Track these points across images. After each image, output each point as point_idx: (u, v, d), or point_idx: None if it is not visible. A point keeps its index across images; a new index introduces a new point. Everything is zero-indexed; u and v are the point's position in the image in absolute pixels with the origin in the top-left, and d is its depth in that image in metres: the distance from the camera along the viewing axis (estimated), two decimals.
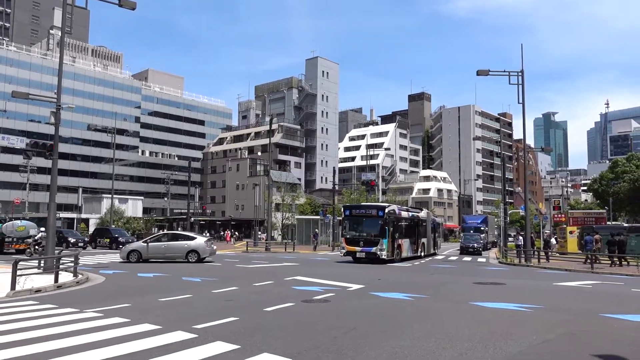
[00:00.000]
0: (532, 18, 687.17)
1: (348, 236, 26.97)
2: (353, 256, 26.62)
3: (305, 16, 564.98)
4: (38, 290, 13.54)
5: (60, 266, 16.52)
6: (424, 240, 32.90)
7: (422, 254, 32.29)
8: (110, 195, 54.70)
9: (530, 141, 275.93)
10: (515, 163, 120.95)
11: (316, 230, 48.95)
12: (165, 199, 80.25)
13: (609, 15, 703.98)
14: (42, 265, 18.19)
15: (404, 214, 29.84)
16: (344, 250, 27.04)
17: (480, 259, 33.22)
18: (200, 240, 25.27)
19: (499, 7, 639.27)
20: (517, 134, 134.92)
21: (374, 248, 25.66)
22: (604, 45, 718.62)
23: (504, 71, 28.79)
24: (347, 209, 28.13)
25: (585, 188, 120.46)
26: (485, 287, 15.57)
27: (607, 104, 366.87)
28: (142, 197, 75.80)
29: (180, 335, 7.69)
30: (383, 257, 25.54)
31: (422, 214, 34.07)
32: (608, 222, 47.08)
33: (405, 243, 28.79)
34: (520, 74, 28.86)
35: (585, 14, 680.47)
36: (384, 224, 25.96)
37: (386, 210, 26.39)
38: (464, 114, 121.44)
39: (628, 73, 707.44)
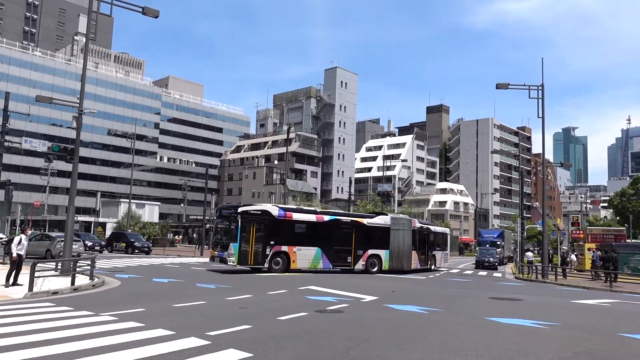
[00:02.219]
0: (552, 32, 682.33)
1: (213, 239, 25.89)
2: (212, 260, 24.21)
3: (325, 26, 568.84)
4: (55, 293, 13.71)
5: (77, 269, 16.72)
6: (374, 251, 26.82)
7: (367, 268, 26.47)
8: (127, 200, 55.28)
9: (549, 156, 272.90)
10: (534, 177, 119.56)
11: None
12: (182, 205, 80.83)
13: (629, 31, 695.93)
14: (59, 267, 18.44)
15: (298, 216, 24.87)
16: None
17: (495, 274, 32.84)
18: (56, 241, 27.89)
19: (518, 20, 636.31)
20: (536, 149, 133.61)
21: (225, 253, 22.61)
22: (624, 60, 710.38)
23: (524, 85, 28.59)
24: (218, 210, 25.88)
25: (605, 204, 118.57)
26: (501, 302, 15.37)
27: (629, 119, 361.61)
28: (159, 203, 76.43)
29: (193, 342, 7.72)
30: (231, 263, 22.34)
31: (376, 219, 28.00)
32: (628, 240, 46.24)
33: (299, 252, 24.11)
34: (540, 88, 28.63)
35: (605, 30, 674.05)
36: (236, 227, 22.50)
37: (239, 210, 22.83)
38: (482, 127, 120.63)
39: None
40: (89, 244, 38.75)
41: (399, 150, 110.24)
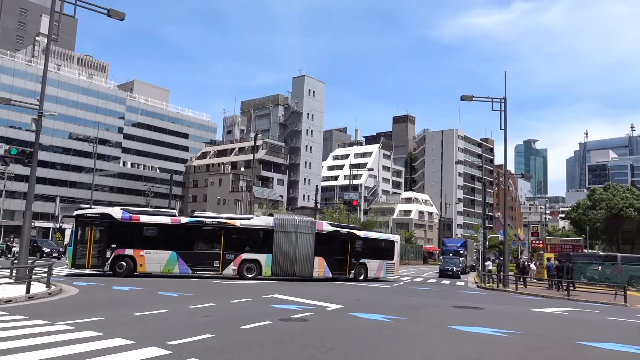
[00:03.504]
0: (516, 47, 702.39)
1: None
2: None
3: (294, 34, 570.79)
4: (8, 301, 13.19)
5: (33, 276, 16.14)
6: (251, 255, 24.93)
7: (240, 272, 24.70)
8: (88, 206, 53.88)
9: (511, 167, 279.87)
10: (496, 188, 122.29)
11: None
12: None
13: (590, 49, 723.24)
14: (14, 274, 17.76)
15: (148, 218, 24.15)
16: None
17: (458, 283, 33.32)
18: None
19: (485, 34, 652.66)
20: (498, 160, 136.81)
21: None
22: (584, 76, 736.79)
23: (488, 97, 29.26)
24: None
25: (563, 216, 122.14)
26: (464, 311, 15.58)
27: (587, 133, 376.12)
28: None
29: (153, 352, 7.52)
30: (66, 265, 22.83)
31: (253, 221, 26.27)
32: (585, 250, 47.71)
33: (148, 255, 23.45)
34: (503, 100, 29.34)
35: (567, 46, 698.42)
36: (73, 230, 23.04)
37: (74, 214, 23.25)
38: (447, 138, 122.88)
39: (607, 104, 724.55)
40: (47, 250, 37.61)
41: (365, 159, 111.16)
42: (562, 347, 9.72)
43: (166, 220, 24.33)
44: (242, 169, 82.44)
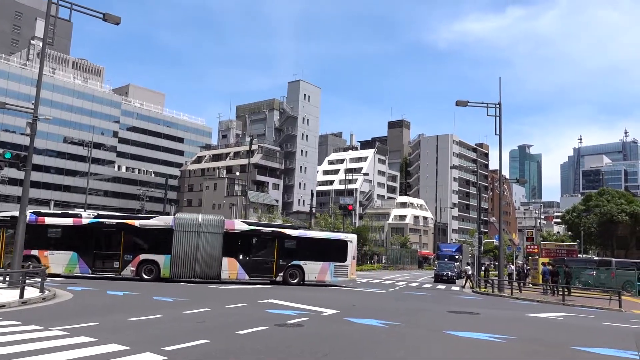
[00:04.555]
0: (510, 53, 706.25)
1: None
2: None
3: (289, 39, 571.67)
4: (2, 306, 13.09)
5: (27, 281, 16.03)
6: (149, 256, 24.41)
7: (138, 274, 24.21)
8: (83, 210, 53.61)
9: (505, 172, 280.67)
10: (491, 193, 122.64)
11: None
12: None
13: (583, 54, 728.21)
14: (7, 279, 17.63)
15: (52, 220, 24.63)
16: None
17: (454, 287, 33.34)
18: None
19: (479, 40, 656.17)
20: (493, 165, 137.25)
21: None
22: (577, 81, 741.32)
23: (482, 103, 29.35)
24: None
25: (558, 220, 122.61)
26: (460, 316, 15.58)
27: (580, 139, 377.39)
28: (115, 213, 74.46)
29: (148, 357, 7.48)
30: None
31: (152, 220, 25.43)
32: (579, 255, 47.85)
33: (51, 256, 23.92)
34: (497, 106, 29.45)
35: (561, 52, 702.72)
36: None
37: None
38: (442, 143, 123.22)
39: (600, 110, 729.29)
40: None
41: (360, 164, 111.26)
42: (557, 352, 9.73)
43: (68, 221, 24.56)
44: (238, 174, 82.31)
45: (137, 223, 25.02)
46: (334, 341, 9.70)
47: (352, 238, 28.56)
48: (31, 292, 15.61)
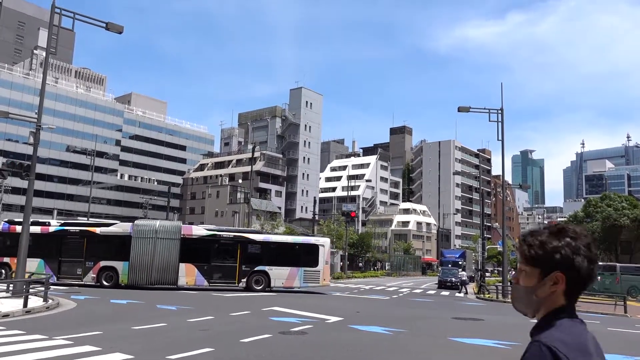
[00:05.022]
0: (511, 58, 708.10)
1: None
2: None
3: (291, 46, 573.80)
4: (6, 315, 13.08)
5: (30, 290, 16.03)
6: (109, 263, 24.28)
7: (99, 280, 24.23)
8: (86, 219, 53.67)
9: (508, 178, 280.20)
10: (494, 199, 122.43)
11: None
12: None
13: (583, 59, 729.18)
14: (10, 288, 17.63)
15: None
16: None
17: (458, 294, 33.20)
18: None
19: (479, 46, 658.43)
20: (495, 170, 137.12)
21: None
22: (578, 87, 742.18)
23: (484, 108, 29.35)
24: None
25: None
26: (464, 322, 15.51)
27: (583, 143, 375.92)
28: (118, 222, 74.67)
29: None
30: None
31: (112, 227, 25.52)
32: None
33: None
34: (499, 111, 29.45)
35: (561, 57, 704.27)
36: None
37: None
38: (444, 149, 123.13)
39: (602, 114, 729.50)
40: None
41: (363, 170, 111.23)
42: None
43: (36, 229, 24.57)
44: (240, 181, 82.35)
45: (98, 230, 25.18)
46: (339, 349, 9.66)
47: (324, 242, 27.49)
48: (35, 301, 15.59)
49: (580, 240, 1.54)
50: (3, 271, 24.12)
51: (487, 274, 44.30)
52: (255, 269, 25.39)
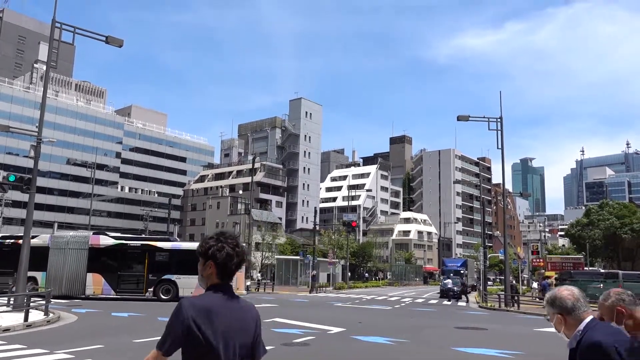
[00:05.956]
0: (510, 66, 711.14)
1: None
2: None
3: (290, 57, 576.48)
4: (6, 330, 13.03)
5: (31, 304, 15.97)
6: (32, 274, 23.05)
7: None
8: (86, 232, 53.63)
9: (508, 186, 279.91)
10: (494, 207, 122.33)
11: (314, 271, 45.25)
12: (143, 235, 78.95)
13: (582, 67, 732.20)
14: (11, 302, 17.57)
15: None
16: None
17: (460, 303, 33.06)
18: None
19: (478, 55, 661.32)
20: (496, 178, 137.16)
21: None
22: (578, 94, 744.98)
23: (484, 117, 29.39)
24: None
25: (562, 233, 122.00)
26: (467, 332, 15.43)
27: (583, 151, 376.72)
28: (118, 234, 74.52)
29: None
30: None
31: (35, 240, 24.47)
32: (585, 268, 47.50)
33: None
34: (499, 120, 29.49)
35: (560, 64, 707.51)
36: None
37: None
38: (444, 158, 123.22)
39: (601, 122, 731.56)
40: None
41: (363, 180, 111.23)
42: None
43: None
44: (241, 192, 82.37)
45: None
46: None
47: None
48: (36, 315, 15.54)
49: (226, 242, 2.46)
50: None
51: (489, 283, 44.16)
52: (163, 277, 24.96)
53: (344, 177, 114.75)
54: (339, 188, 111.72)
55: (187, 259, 25.07)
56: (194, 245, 28.00)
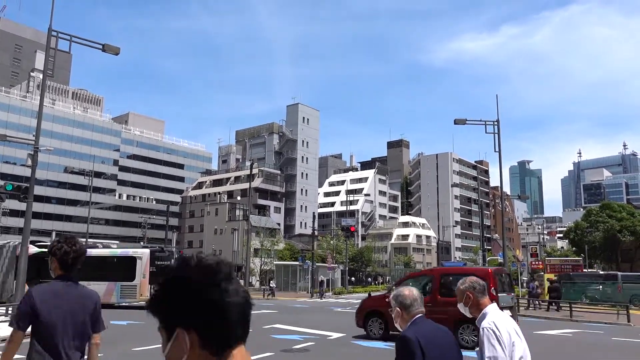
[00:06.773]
0: (506, 69, 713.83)
1: None
2: None
3: (287, 63, 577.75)
4: (4, 340, 12.95)
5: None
6: None
7: None
8: (84, 240, 53.49)
9: (506, 188, 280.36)
10: (493, 210, 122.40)
11: (322, 277, 45.05)
12: (142, 243, 78.78)
13: (579, 69, 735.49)
14: (9, 312, 17.50)
15: None
16: None
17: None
18: None
19: (475, 58, 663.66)
20: (493, 182, 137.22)
21: None
22: (574, 96, 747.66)
23: (481, 120, 29.40)
24: None
25: (561, 235, 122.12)
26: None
27: (580, 153, 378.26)
28: (117, 242, 74.27)
29: None
30: None
31: None
32: (584, 270, 47.48)
33: None
34: (496, 123, 29.51)
35: (556, 67, 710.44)
36: None
37: None
38: (441, 161, 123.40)
39: (598, 123, 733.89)
40: None
41: (361, 184, 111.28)
42: None
43: None
44: (239, 198, 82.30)
45: None
46: None
47: (142, 254, 25.31)
48: None
49: (65, 243, 3.33)
50: None
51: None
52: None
53: (342, 182, 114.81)
54: (337, 193, 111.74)
55: (95, 265, 24.15)
56: (102, 251, 27.97)
